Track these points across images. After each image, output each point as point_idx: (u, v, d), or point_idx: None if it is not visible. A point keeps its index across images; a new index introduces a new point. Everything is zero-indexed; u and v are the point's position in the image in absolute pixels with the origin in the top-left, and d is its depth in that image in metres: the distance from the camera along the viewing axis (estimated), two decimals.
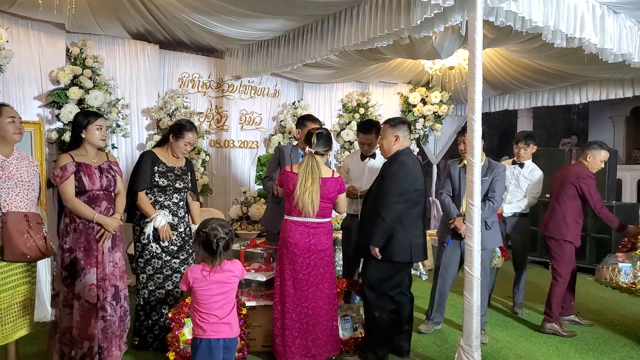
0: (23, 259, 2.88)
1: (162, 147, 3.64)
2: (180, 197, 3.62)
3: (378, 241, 3.27)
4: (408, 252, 3.30)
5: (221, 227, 2.40)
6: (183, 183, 3.59)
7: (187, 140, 3.56)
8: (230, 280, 2.44)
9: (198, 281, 2.38)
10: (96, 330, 3.09)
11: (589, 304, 5.04)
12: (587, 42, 3.56)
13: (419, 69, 6.24)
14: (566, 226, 4.14)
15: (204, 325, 2.40)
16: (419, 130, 7.09)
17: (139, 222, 3.54)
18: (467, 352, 3.07)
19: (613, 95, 6.09)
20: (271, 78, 6.46)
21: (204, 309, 2.40)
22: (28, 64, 4.59)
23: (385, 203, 3.25)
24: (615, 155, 6.56)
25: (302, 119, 4.15)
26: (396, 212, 3.24)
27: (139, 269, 3.54)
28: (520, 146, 4.69)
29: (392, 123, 3.48)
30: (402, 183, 3.27)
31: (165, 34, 5.27)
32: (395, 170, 3.32)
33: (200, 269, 2.41)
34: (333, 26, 4.16)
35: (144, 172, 3.46)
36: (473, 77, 3.02)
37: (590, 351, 3.82)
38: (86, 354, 3.07)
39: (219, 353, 2.38)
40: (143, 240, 3.50)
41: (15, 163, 2.94)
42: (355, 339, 3.64)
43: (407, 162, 3.33)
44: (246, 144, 6.38)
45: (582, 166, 4.23)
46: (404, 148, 3.42)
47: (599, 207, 4.12)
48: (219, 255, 2.37)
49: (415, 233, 3.34)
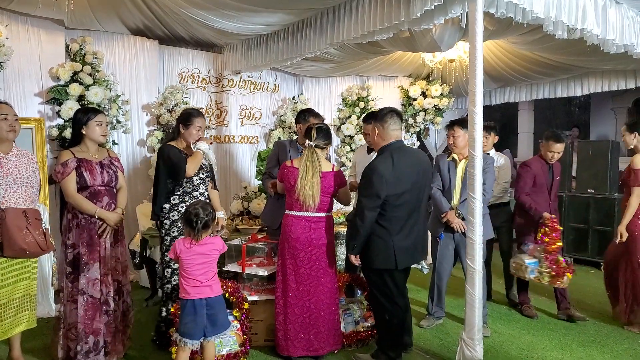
0: (22, 254, 2.89)
1: (175, 141, 3.56)
2: (205, 188, 3.59)
3: (352, 248, 3.17)
4: (390, 258, 3.10)
5: (203, 209, 2.84)
6: (206, 172, 3.59)
7: (198, 125, 3.51)
8: (211, 252, 2.87)
9: (183, 252, 2.82)
10: (101, 324, 3.12)
11: (592, 296, 5.03)
12: (589, 33, 3.53)
13: (419, 62, 6.22)
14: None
15: (189, 289, 2.82)
16: (420, 123, 7.07)
17: (167, 215, 3.45)
18: (469, 346, 3.08)
19: (615, 86, 6.07)
20: (271, 73, 6.44)
21: (188, 275, 2.82)
22: (28, 60, 4.58)
23: (358, 209, 3.12)
24: (617, 147, 6.52)
25: (303, 113, 4.07)
26: (368, 218, 3.05)
27: (164, 263, 3.50)
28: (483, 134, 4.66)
29: (374, 116, 3.34)
30: (372, 189, 3.04)
31: (164, 30, 5.25)
32: (368, 173, 3.10)
33: (184, 241, 2.85)
34: (332, 20, 4.14)
35: (179, 159, 3.38)
36: (474, 69, 3.00)
37: (593, 344, 3.82)
38: (92, 349, 3.10)
39: (202, 310, 2.82)
40: (172, 233, 3.42)
41: (14, 160, 2.94)
42: (357, 332, 3.65)
43: (380, 166, 3.06)
44: (246, 139, 6.37)
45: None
46: (393, 141, 3.18)
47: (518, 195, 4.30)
48: (198, 232, 2.82)
49: (400, 237, 3.10)
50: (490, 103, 7.50)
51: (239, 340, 3.32)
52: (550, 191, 4.28)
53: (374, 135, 3.27)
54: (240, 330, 3.36)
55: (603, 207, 6.22)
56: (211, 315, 2.85)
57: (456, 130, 3.88)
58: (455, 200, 3.94)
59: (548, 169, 4.29)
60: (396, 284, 3.23)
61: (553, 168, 4.32)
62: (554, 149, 4.21)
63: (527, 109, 10.69)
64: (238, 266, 3.75)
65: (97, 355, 3.11)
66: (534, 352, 3.63)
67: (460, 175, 3.90)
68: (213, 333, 2.87)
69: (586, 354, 3.62)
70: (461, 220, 3.82)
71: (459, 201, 3.90)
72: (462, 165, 3.88)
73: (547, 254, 3.90)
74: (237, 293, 3.43)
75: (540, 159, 4.32)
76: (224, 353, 3.23)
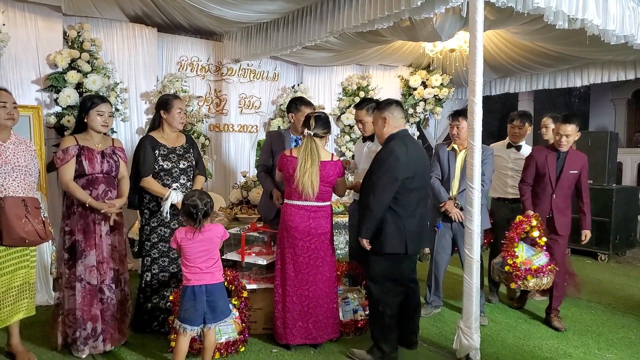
0: (22, 243, 2.88)
1: (157, 130, 3.56)
2: (187, 178, 3.56)
3: (365, 232, 3.14)
4: (402, 242, 3.12)
5: (200, 199, 2.87)
6: (187, 162, 3.55)
7: (179, 107, 3.51)
8: (212, 240, 2.92)
9: (185, 240, 2.87)
10: (98, 311, 3.13)
11: (588, 286, 5.06)
12: (589, 24, 3.51)
13: (420, 51, 6.19)
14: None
15: (189, 275, 2.87)
16: (420, 113, 7.05)
17: (147, 206, 3.50)
18: (466, 334, 3.10)
19: (615, 77, 6.06)
20: (270, 61, 6.41)
21: (190, 262, 2.87)
22: (25, 47, 4.54)
23: (373, 192, 3.10)
24: (616, 138, 6.53)
25: (295, 102, 4.01)
26: (384, 201, 3.07)
27: (144, 251, 3.52)
28: (515, 125, 4.46)
29: (379, 106, 3.36)
30: (390, 172, 3.06)
31: (163, 17, 5.21)
32: (383, 157, 3.14)
33: (185, 230, 2.90)
34: (332, 8, 4.11)
35: (148, 156, 3.41)
36: (474, 59, 2.99)
37: (589, 332, 3.85)
38: (90, 335, 3.12)
39: (202, 296, 2.86)
40: (152, 223, 3.48)
41: (12, 148, 2.93)
42: (355, 321, 3.67)
43: (396, 149, 3.11)
44: (246, 128, 6.35)
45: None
46: (399, 130, 3.22)
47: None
48: (199, 222, 2.86)
49: (411, 222, 3.14)
50: (490, 93, 7.49)
51: (237, 328, 3.35)
52: (554, 184, 3.86)
53: (382, 124, 3.24)
54: (239, 318, 3.38)
55: (601, 198, 6.24)
56: (211, 302, 2.88)
57: (461, 122, 3.84)
58: (454, 190, 3.94)
59: (557, 159, 3.87)
60: (404, 270, 3.27)
61: (566, 158, 3.85)
62: (562, 132, 3.79)
63: (527, 100, 10.68)
64: (237, 255, 3.76)
65: (96, 341, 3.14)
66: (530, 341, 3.66)
67: (459, 165, 3.91)
68: (213, 320, 2.90)
69: (582, 342, 3.66)
70: (459, 210, 3.83)
71: (457, 191, 3.91)
72: (462, 155, 3.88)
73: (506, 252, 3.61)
74: (236, 281, 3.44)
75: (548, 148, 3.94)
76: (223, 341, 3.25)
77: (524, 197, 3.97)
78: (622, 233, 6.41)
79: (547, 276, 3.53)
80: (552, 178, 3.86)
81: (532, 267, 3.50)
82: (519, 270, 3.50)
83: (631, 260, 6.37)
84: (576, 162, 3.87)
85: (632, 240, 6.68)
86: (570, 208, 3.95)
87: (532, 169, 3.95)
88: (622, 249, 6.50)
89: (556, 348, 3.55)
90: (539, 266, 3.51)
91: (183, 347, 2.87)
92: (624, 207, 6.44)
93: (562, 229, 3.88)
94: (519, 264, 3.51)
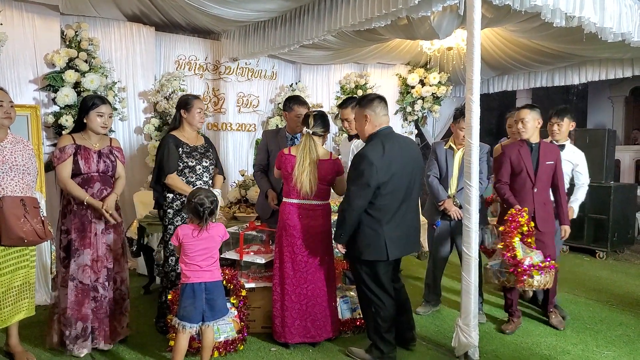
0: (20, 243, 2.88)
1: (178, 129, 3.56)
2: (209, 176, 3.59)
3: (339, 237, 3.08)
4: (381, 249, 2.99)
5: (206, 197, 2.88)
6: (209, 161, 3.59)
7: (199, 107, 3.54)
8: (214, 239, 2.93)
9: (187, 237, 2.87)
10: (89, 310, 3.13)
11: (587, 283, 5.07)
12: (586, 21, 3.52)
13: (417, 49, 6.20)
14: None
15: (188, 273, 2.87)
16: (418, 112, 7.06)
17: (170, 205, 3.47)
18: (465, 332, 3.11)
19: (612, 75, 6.07)
20: (268, 60, 6.41)
21: (190, 260, 2.87)
22: (23, 46, 4.54)
23: (346, 198, 3.02)
24: (614, 135, 6.54)
25: (289, 101, 4.00)
26: (357, 207, 2.96)
27: (167, 251, 3.52)
28: (554, 121, 4.10)
29: (360, 102, 3.19)
30: (362, 178, 2.92)
31: (160, 16, 5.21)
32: (356, 162, 2.99)
33: (190, 228, 2.89)
34: (330, 6, 4.11)
35: (172, 153, 3.41)
36: (471, 57, 2.99)
37: (587, 330, 3.86)
38: (80, 335, 3.12)
39: (201, 294, 2.87)
40: (177, 222, 3.44)
41: (9, 147, 2.92)
42: (354, 319, 3.67)
43: (370, 153, 2.95)
44: (244, 126, 6.35)
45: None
46: (382, 127, 3.07)
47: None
48: (205, 220, 2.87)
49: (391, 226, 3.00)
50: (488, 91, 7.50)
51: (236, 327, 3.35)
52: (534, 178, 3.64)
53: (363, 122, 3.11)
54: (237, 317, 3.38)
55: (599, 195, 6.25)
56: (210, 299, 2.89)
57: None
58: (453, 188, 3.93)
59: (530, 152, 3.67)
60: (387, 275, 3.14)
61: (539, 150, 3.67)
62: (517, 117, 3.67)
63: (524, 97, 10.67)
64: (236, 253, 3.76)
65: (85, 341, 3.13)
66: (529, 338, 3.67)
67: (457, 163, 3.90)
68: (212, 318, 2.91)
69: (580, 339, 3.67)
70: (458, 208, 3.84)
71: (456, 189, 3.90)
72: (460, 153, 3.87)
73: (505, 249, 3.39)
74: (235, 280, 3.44)
75: (519, 142, 3.74)
76: (222, 340, 3.25)
77: (506, 195, 3.68)
78: (620, 230, 6.42)
79: (548, 274, 3.35)
80: (530, 172, 3.65)
81: (534, 262, 3.29)
82: (523, 265, 3.25)
83: (629, 258, 6.38)
84: (550, 152, 3.71)
85: (630, 238, 6.69)
86: (551, 203, 3.76)
87: (507, 166, 3.70)
88: (620, 246, 6.51)
89: (554, 345, 3.56)
90: (539, 262, 3.33)
91: (182, 345, 2.87)
92: (622, 205, 6.45)
93: (545, 226, 3.67)
94: (520, 258, 3.29)
